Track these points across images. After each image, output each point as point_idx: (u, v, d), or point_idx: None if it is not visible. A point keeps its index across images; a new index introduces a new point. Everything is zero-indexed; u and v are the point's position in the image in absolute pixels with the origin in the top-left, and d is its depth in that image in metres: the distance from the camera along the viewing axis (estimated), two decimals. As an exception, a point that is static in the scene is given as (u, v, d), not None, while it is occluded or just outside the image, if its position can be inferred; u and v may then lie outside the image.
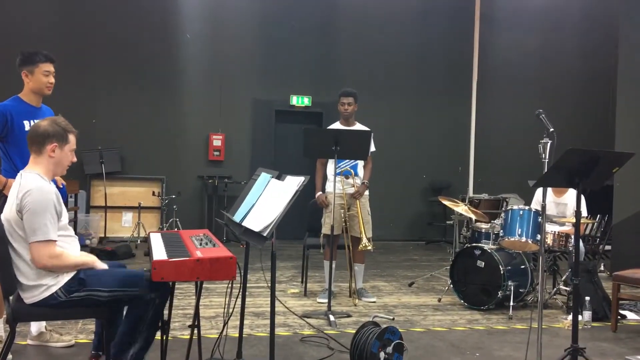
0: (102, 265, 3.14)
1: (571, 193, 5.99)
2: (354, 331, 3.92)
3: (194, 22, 9.90)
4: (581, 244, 6.12)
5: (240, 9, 10.06)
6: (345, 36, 10.45)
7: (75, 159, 3.21)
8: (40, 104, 4.08)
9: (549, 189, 5.89)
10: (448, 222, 9.55)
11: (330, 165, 5.71)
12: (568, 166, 3.55)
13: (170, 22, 9.79)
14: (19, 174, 3.06)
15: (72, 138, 3.14)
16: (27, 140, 3.12)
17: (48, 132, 3.05)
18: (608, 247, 8.14)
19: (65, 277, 2.98)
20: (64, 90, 5.13)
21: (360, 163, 5.80)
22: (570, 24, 11.33)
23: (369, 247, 5.53)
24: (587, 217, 6.24)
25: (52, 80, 4.02)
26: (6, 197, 3.61)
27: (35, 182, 2.95)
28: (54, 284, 2.96)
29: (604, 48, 10.77)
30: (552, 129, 3.81)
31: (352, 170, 5.74)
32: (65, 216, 3.13)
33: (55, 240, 2.95)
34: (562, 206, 6.08)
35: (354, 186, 5.73)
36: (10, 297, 3.07)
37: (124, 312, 3.19)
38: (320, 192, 5.84)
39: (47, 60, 3.99)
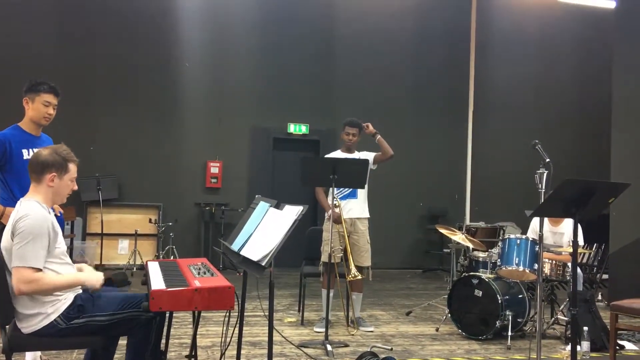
0: (94, 282, 3.06)
1: (568, 222, 5.99)
2: (351, 361, 3.89)
3: (192, 50, 10.00)
4: (579, 271, 6.11)
5: (239, 37, 10.16)
6: (342, 65, 10.55)
7: (75, 187, 3.20)
8: (40, 133, 4.07)
9: (545, 219, 5.91)
10: (445, 250, 9.53)
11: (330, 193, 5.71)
12: (565, 196, 3.57)
13: (169, 50, 9.88)
14: (18, 202, 3.06)
15: (72, 167, 3.13)
16: (28, 168, 3.12)
17: (48, 161, 3.05)
18: (605, 276, 8.12)
19: (64, 305, 2.97)
20: (62, 117, 5.13)
21: (359, 190, 5.80)
22: (565, 53, 11.48)
23: (358, 277, 5.50)
24: (583, 247, 6.23)
25: (52, 112, 3.98)
26: (4, 225, 3.61)
27: (32, 209, 2.94)
28: (53, 311, 2.94)
29: (599, 77, 10.88)
30: (548, 160, 3.85)
31: (338, 200, 5.70)
32: (63, 243, 3.12)
33: (37, 268, 2.86)
34: (559, 235, 6.08)
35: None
36: (7, 327, 3.05)
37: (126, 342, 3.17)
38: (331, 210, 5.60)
39: (51, 92, 3.96)
